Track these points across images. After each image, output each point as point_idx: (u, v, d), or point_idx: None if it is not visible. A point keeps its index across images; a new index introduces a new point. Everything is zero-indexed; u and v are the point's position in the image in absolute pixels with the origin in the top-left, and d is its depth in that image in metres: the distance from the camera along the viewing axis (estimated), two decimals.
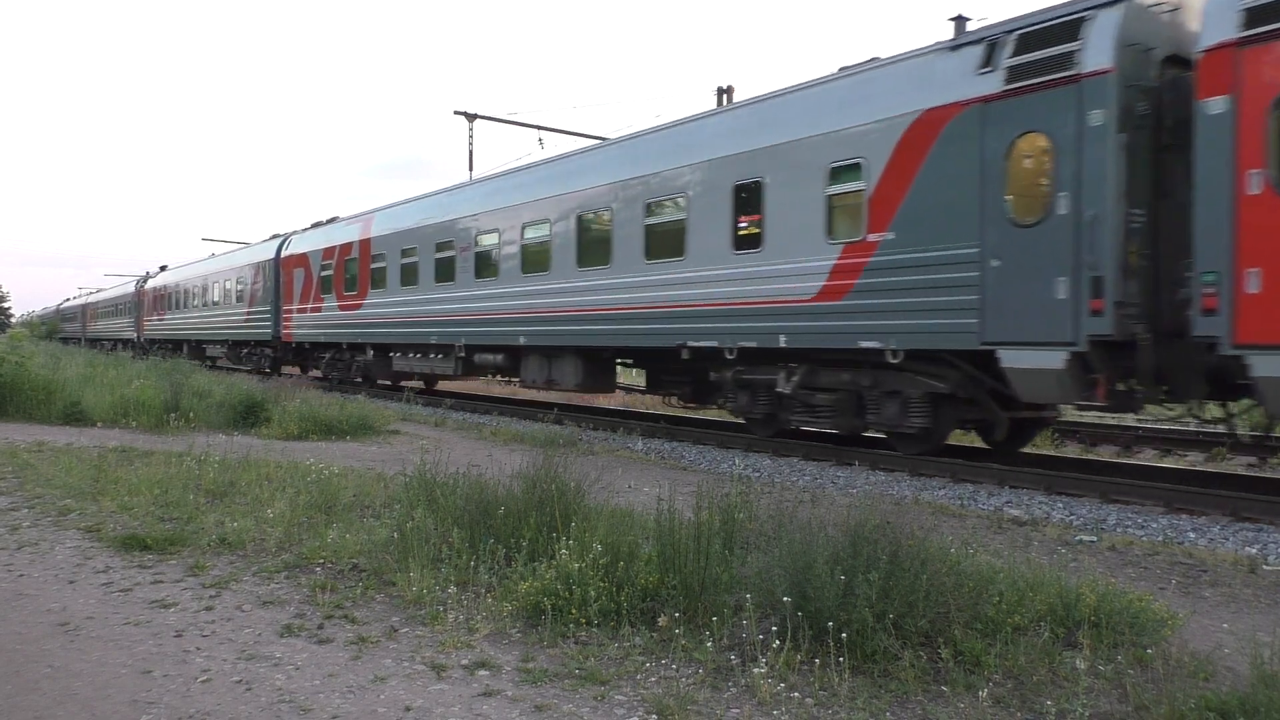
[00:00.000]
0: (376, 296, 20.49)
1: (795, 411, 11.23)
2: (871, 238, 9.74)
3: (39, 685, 3.79)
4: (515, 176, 16.93)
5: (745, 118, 11.82)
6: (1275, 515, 7.43)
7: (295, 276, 24.96)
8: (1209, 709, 3.34)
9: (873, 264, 9.72)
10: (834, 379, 10.67)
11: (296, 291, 24.83)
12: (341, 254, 22.34)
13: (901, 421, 10.02)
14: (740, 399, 12.04)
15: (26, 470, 8.77)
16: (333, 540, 5.88)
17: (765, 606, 4.33)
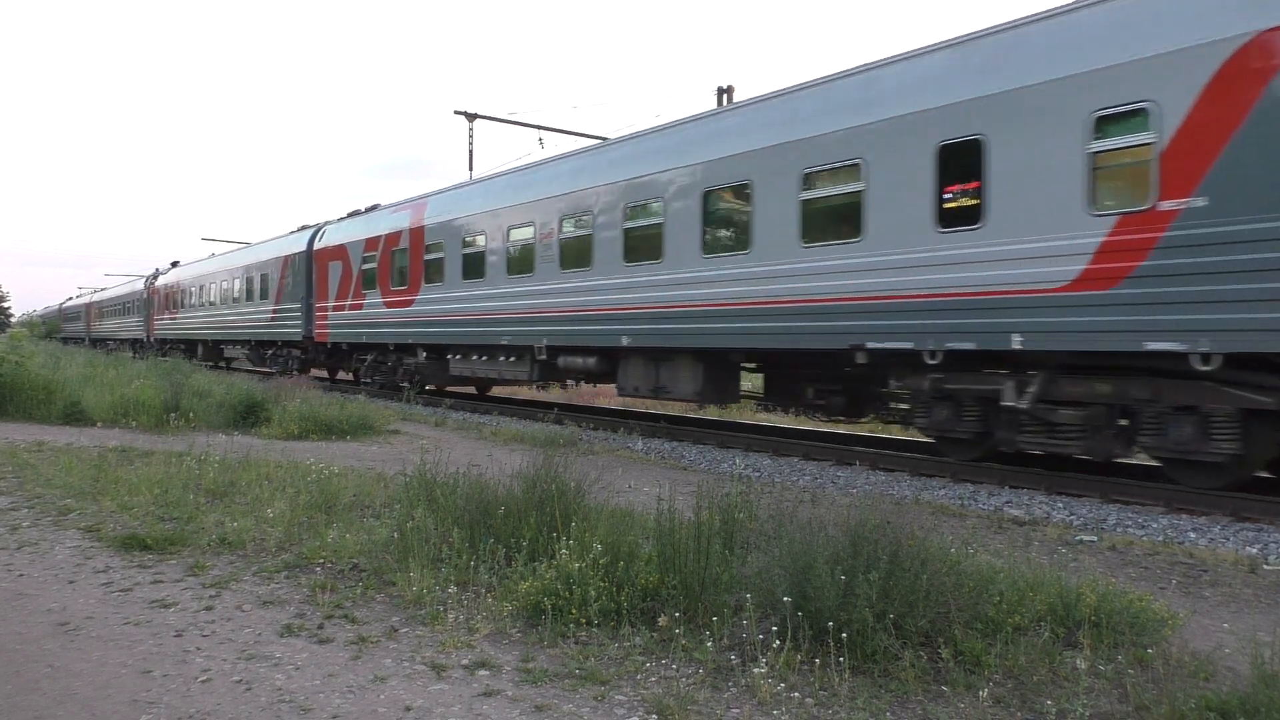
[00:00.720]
0: (432, 291, 18.00)
1: (1024, 431, 8.98)
2: (1166, 206, 7.46)
3: (39, 685, 3.79)
4: (610, 150, 14.40)
5: (952, 61, 9.38)
6: (1276, 515, 7.42)
7: (331, 271, 22.33)
8: (1209, 709, 3.34)
9: (1169, 240, 7.44)
10: (1085, 390, 8.44)
11: (332, 287, 22.14)
12: (388, 244, 19.65)
13: (1197, 447, 7.77)
14: (938, 414, 9.76)
15: (26, 470, 8.77)
16: (333, 540, 5.88)
17: (765, 606, 4.33)
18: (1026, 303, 8.40)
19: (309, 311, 23.75)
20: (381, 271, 19.93)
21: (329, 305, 22.41)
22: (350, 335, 21.51)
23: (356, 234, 21.52)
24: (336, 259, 22.22)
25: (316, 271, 23.38)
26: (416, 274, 18.58)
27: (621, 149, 14.02)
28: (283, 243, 26.76)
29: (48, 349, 31.48)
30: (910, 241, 9.35)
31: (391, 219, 20.07)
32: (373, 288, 20.32)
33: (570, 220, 14.28)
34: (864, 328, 9.80)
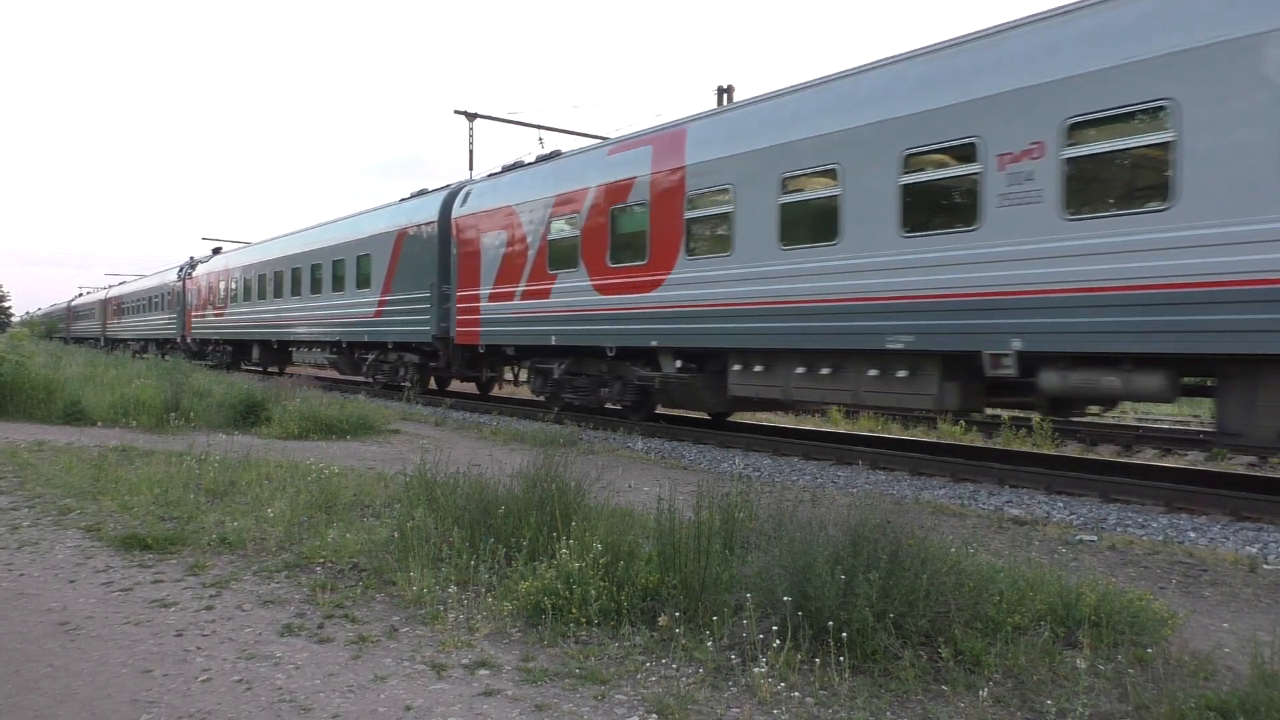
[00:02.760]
0: (705, 266, 11.66)
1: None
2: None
3: (39, 684, 3.79)
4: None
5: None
6: (1275, 515, 7.43)
7: (485, 245, 16.30)
8: (1209, 708, 3.34)
9: None
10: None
11: (489, 267, 16.12)
12: (606, 200, 13.39)
13: None
14: None
15: (27, 469, 8.77)
16: (333, 540, 5.88)
17: (765, 606, 4.33)
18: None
19: (441, 302, 17.70)
20: (591, 241, 13.72)
21: (483, 292, 16.39)
22: (523, 335, 15.31)
23: (535, 190, 15.23)
24: (495, 228, 16.17)
25: (458, 247, 17.27)
26: (668, 240, 12.22)
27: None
28: (394, 213, 20.15)
29: (48, 349, 31.36)
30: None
31: (608, 163, 13.74)
32: (570, 265, 14.19)
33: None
34: None
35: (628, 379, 13.82)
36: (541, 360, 15.86)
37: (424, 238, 18.45)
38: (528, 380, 16.73)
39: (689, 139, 12.29)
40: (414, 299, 18.60)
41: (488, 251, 16.36)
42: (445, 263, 17.74)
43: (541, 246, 14.90)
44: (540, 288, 14.95)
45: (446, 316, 17.61)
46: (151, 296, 41.88)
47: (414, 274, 18.63)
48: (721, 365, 12.09)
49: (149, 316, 42.20)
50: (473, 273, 16.77)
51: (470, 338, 16.83)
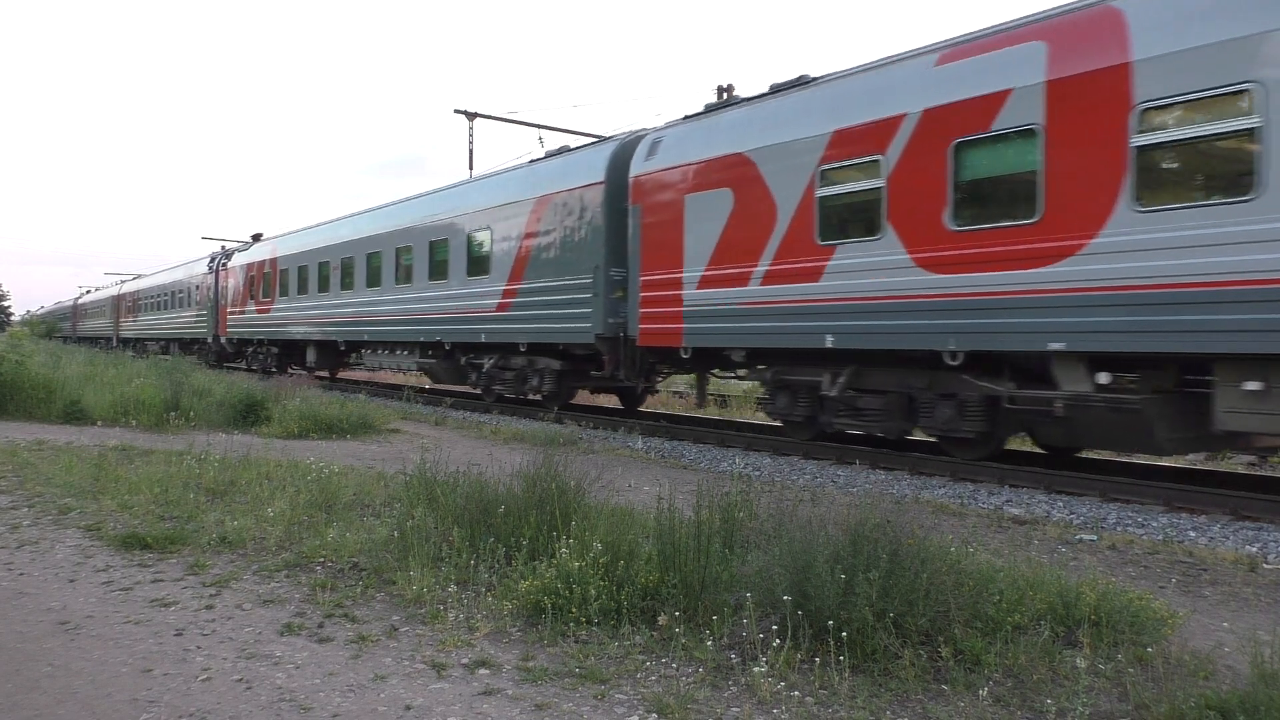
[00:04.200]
0: (1177, 222, 7.43)
1: None
2: None
3: (39, 684, 3.79)
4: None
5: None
6: (1275, 514, 7.43)
7: (691, 211, 11.88)
8: (1209, 707, 3.34)
9: None
10: None
11: (698, 242, 11.80)
12: (936, 132, 9.14)
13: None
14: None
15: (27, 469, 8.77)
16: (333, 539, 5.88)
17: (765, 605, 4.33)
18: None
19: (610, 291, 13.49)
20: (908, 194, 9.39)
21: (686, 276, 11.97)
22: (766, 333, 10.98)
23: (787, 129, 10.79)
24: (709, 186, 11.66)
25: (642, 216, 12.71)
26: (1089, 184, 8.03)
27: None
28: (527, 177, 15.60)
29: (47, 348, 31.28)
30: None
31: (942, 77, 9.31)
32: (863, 233, 9.92)
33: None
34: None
35: (966, 397, 9.33)
36: (791, 369, 11.16)
37: (581, 206, 13.89)
38: (764, 398, 11.89)
39: (1132, 21, 7.86)
40: (564, 287, 14.15)
41: (695, 220, 11.81)
42: (616, 238, 13.33)
43: (802, 208, 10.40)
44: (799, 266, 10.47)
45: (616, 309, 13.36)
46: (175, 291, 36.82)
47: (563, 254, 14.21)
48: (1189, 378, 7.99)
49: (172, 314, 37.14)
50: (667, 250, 12.18)
51: (663, 337, 12.35)
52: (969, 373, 9.26)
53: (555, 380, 15.35)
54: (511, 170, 16.87)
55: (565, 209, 14.35)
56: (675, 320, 12.18)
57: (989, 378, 9.19)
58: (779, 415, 11.71)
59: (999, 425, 9.49)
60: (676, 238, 12.17)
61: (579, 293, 13.92)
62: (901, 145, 9.51)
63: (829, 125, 10.28)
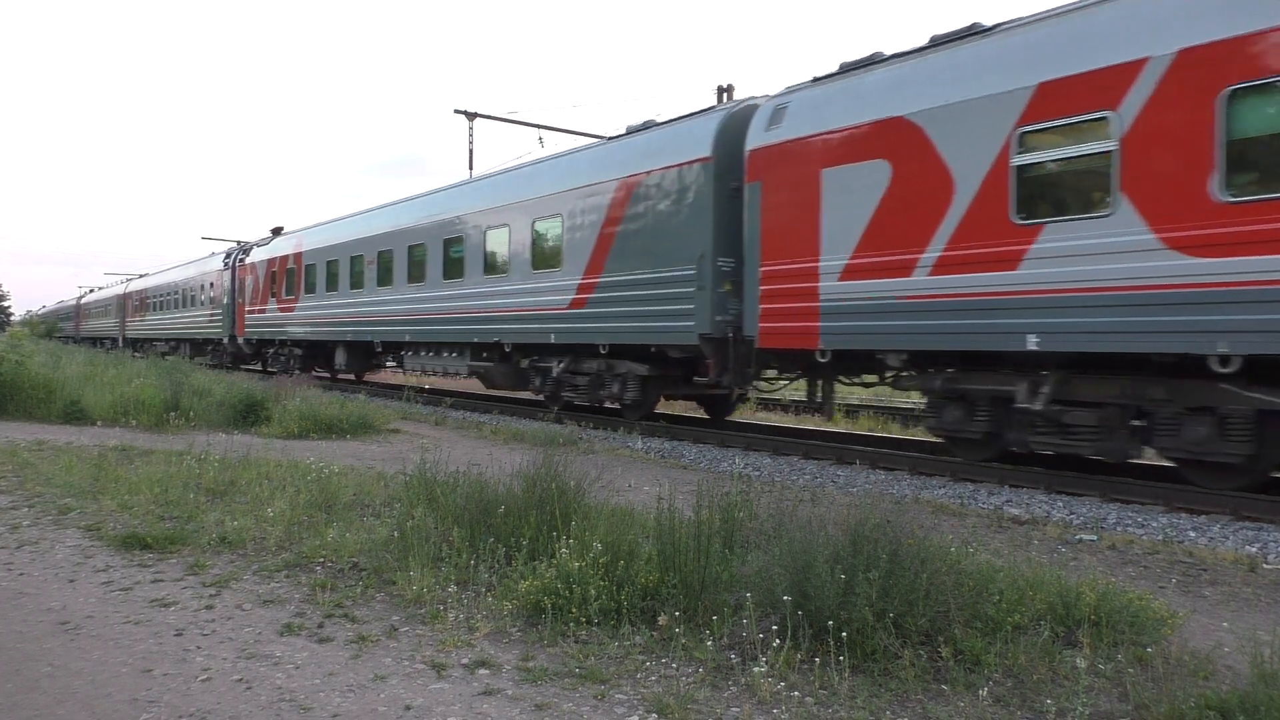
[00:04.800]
0: None
1: None
2: None
3: (39, 684, 3.79)
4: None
5: None
6: (1275, 514, 7.42)
7: (829, 188, 10.16)
8: (1209, 707, 3.34)
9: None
10: None
11: (839, 224, 10.07)
12: (1206, 74, 7.32)
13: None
14: None
15: (26, 469, 8.77)
16: (333, 539, 5.88)
17: (765, 605, 4.33)
18: None
19: (718, 284, 11.65)
20: (1153, 157, 7.72)
21: (824, 265, 10.24)
22: (941, 333, 9.22)
23: (965, 85, 9.07)
24: (854, 159, 9.96)
25: (763, 196, 10.99)
26: None
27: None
28: (608, 156, 14.01)
29: (47, 348, 31.25)
30: None
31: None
32: (1081, 208, 8.27)
33: None
34: None
35: (1230, 412, 7.60)
36: (968, 376, 9.39)
37: (680, 187, 12.09)
38: (927, 410, 10.08)
39: None
40: (658, 280, 12.38)
41: (836, 199, 10.06)
42: (725, 223, 11.57)
43: (990, 181, 8.65)
44: (986, 252, 8.68)
45: (724, 305, 11.59)
46: (187, 289, 34.76)
47: (657, 243, 12.41)
48: None
49: (184, 313, 35.22)
50: (798, 235, 10.43)
51: (792, 338, 10.59)
52: (1236, 382, 7.43)
53: (640, 387, 13.51)
54: (584, 151, 15.20)
55: (659, 191, 12.48)
56: (809, 317, 10.35)
57: (1263, 388, 7.35)
58: (948, 431, 9.81)
59: (1271, 447, 7.65)
60: (810, 220, 10.31)
61: (678, 286, 12.08)
62: (1143, 96, 7.69)
63: (1030, 78, 8.43)
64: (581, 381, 14.50)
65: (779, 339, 10.79)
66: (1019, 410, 8.83)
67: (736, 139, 11.55)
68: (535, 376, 15.61)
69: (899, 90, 9.69)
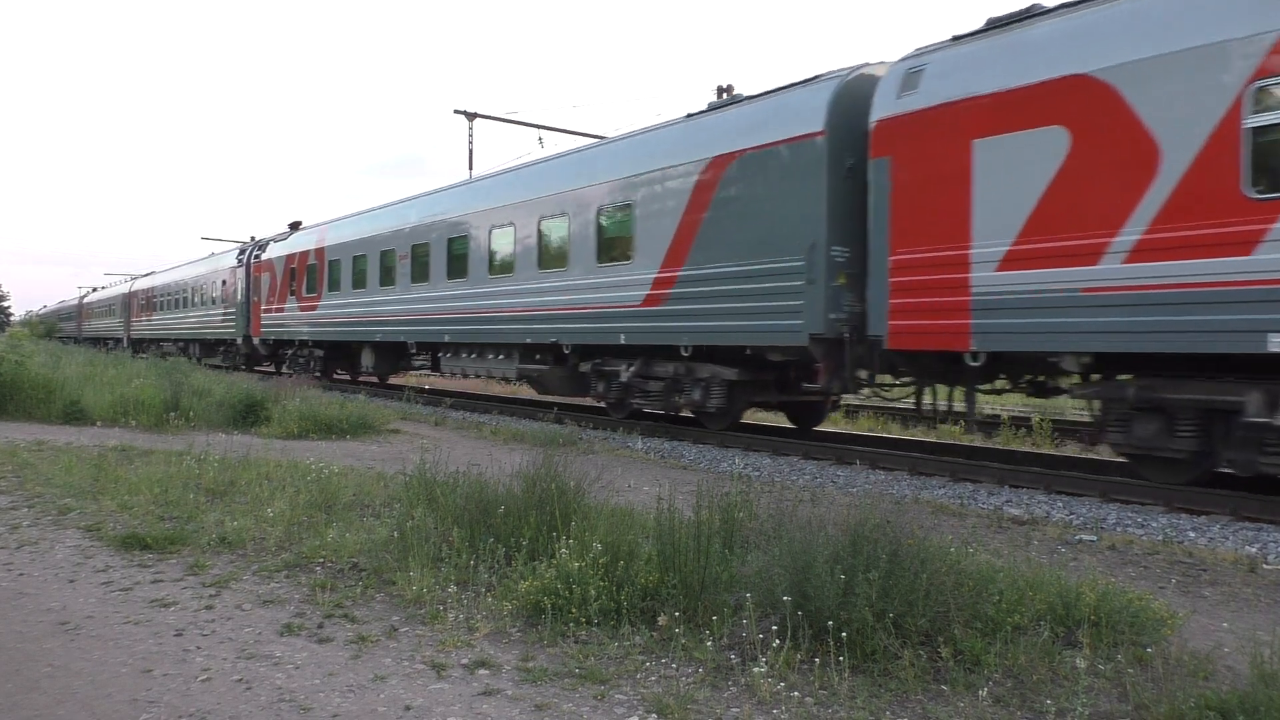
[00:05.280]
0: None
1: None
2: None
3: (39, 684, 3.79)
4: None
5: None
6: (1275, 514, 7.43)
7: (983, 162, 8.79)
8: (1209, 708, 3.34)
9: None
10: None
11: (996, 202, 8.72)
12: None
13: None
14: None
15: (26, 469, 8.77)
16: (333, 539, 5.88)
17: (765, 606, 4.33)
18: None
19: (831, 276, 10.32)
20: None
21: (975, 253, 8.89)
22: (1186, 330, 7.52)
23: (1224, 24, 7.39)
24: (1024, 125, 8.57)
25: (893, 174, 9.63)
26: None
27: None
28: (690, 134, 12.44)
29: (47, 348, 31.20)
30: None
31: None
32: None
33: None
34: None
35: None
36: (1172, 384, 7.98)
37: (783, 165, 10.69)
38: (1113, 425, 8.44)
39: None
40: (757, 273, 10.96)
41: (993, 174, 8.65)
42: (842, 207, 10.22)
43: (1213, 147, 7.33)
44: (1209, 233, 7.32)
45: (838, 300, 10.22)
46: (197, 287, 33.25)
47: (755, 230, 11.00)
48: None
49: (194, 312, 33.70)
50: (941, 217, 9.06)
51: (934, 337, 9.15)
52: None
53: (726, 393, 12.11)
54: (659, 130, 13.33)
55: (757, 171, 11.00)
56: (957, 313, 8.84)
57: None
58: (1138, 448, 8.28)
59: None
60: (957, 200, 8.89)
61: (783, 280, 10.61)
62: None
63: (1271, 19, 7.03)
64: (654, 387, 13.11)
65: (915, 339, 9.34)
66: (1244, 425, 7.43)
67: (854, 110, 10.22)
68: (598, 381, 14.18)
69: (1078, 44, 8.24)
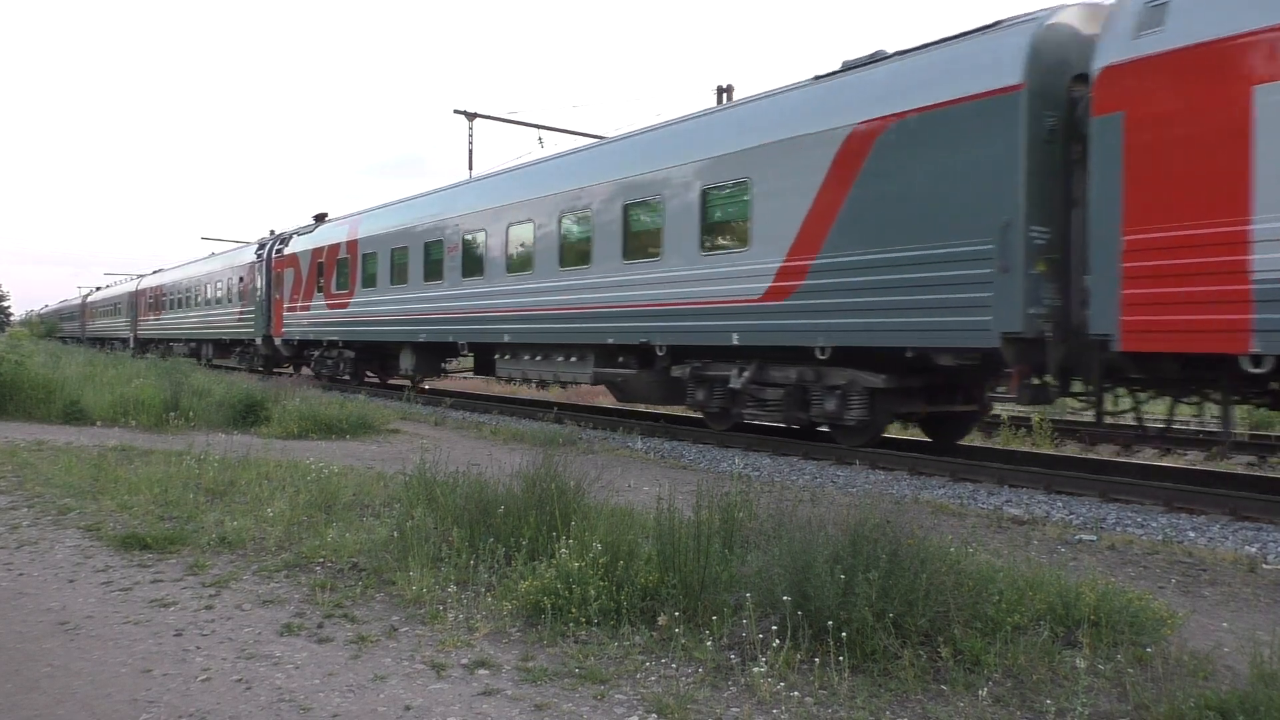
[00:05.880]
0: None
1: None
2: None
3: (39, 684, 3.79)
4: None
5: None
6: (1275, 514, 7.43)
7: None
8: (1208, 708, 3.34)
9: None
10: None
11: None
12: None
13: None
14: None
15: (26, 469, 8.77)
16: (332, 539, 5.88)
17: (765, 605, 4.33)
18: None
19: (1030, 263, 8.54)
20: None
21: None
22: None
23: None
24: None
25: (1126, 134, 7.76)
26: None
27: None
28: (819, 101, 10.62)
29: (47, 348, 31.16)
30: None
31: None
32: None
33: None
34: None
35: None
36: None
37: (962, 131, 8.94)
38: None
39: None
40: (928, 260, 9.16)
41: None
42: (1041, 178, 8.49)
43: None
44: None
45: (1038, 293, 8.51)
46: (212, 285, 31.51)
47: (922, 210, 9.22)
48: None
49: (207, 311, 31.89)
50: (1199, 187, 7.36)
51: (1199, 337, 7.45)
52: None
53: (868, 403, 10.18)
54: (780, 94, 11.39)
55: (925, 137, 9.22)
56: (1229, 306, 7.17)
57: None
58: None
59: None
60: (1231, 163, 7.16)
61: (964, 266, 8.85)
62: None
63: None
64: (772, 395, 11.22)
65: (1165, 339, 7.64)
66: None
67: (1055, 59, 8.57)
68: (697, 388, 12.36)
69: None
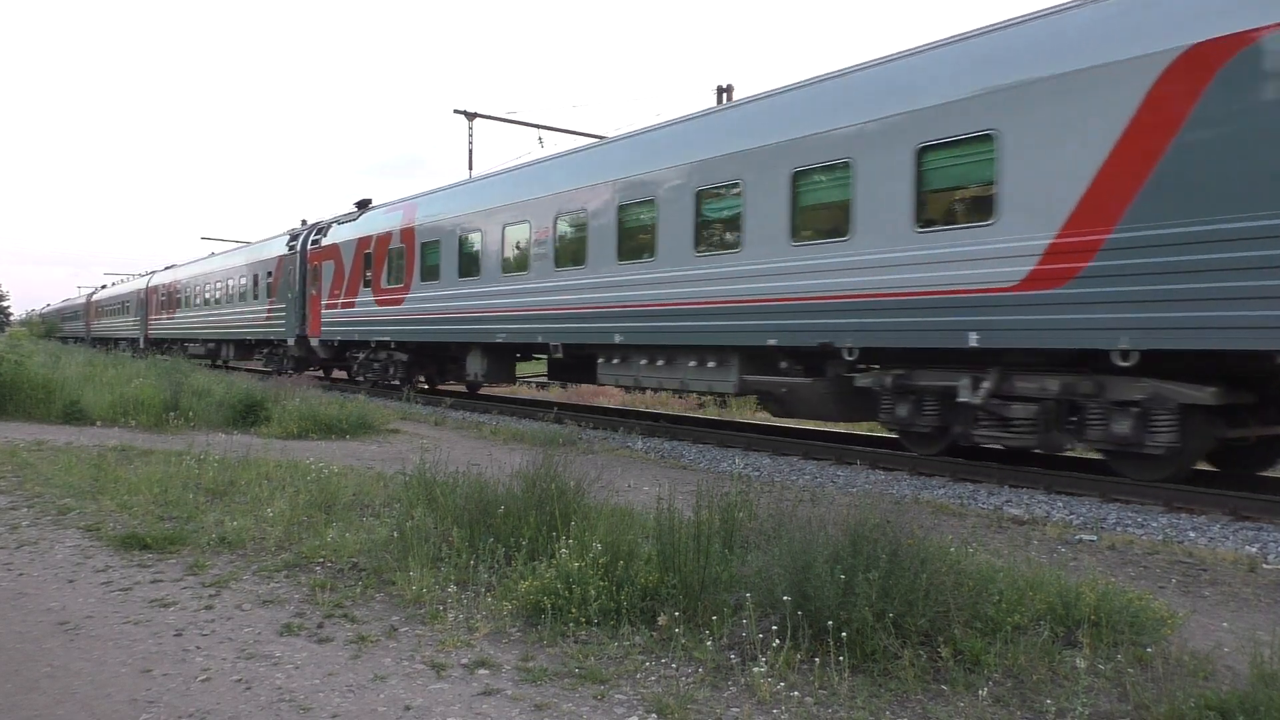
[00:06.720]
0: None
1: None
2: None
3: (38, 684, 3.79)
4: None
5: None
6: (1275, 514, 7.43)
7: None
8: (1208, 708, 3.34)
9: None
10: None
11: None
12: None
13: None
14: None
15: (26, 469, 8.77)
16: (332, 539, 5.88)
17: (765, 605, 4.33)
18: None
19: None
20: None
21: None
22: None
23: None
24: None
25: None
26: None
27: None
28: (1123, 13, 7.70)
29: (47, 348, 31.15)
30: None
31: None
32: None
33: None
34: None
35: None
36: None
37: None
38: None
39: None
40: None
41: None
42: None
43: None
44: None
45: None
46: (234, 280, 28.87)
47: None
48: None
49: (230, 309, 29.11)
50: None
51: None
52: None
53: (1179, 425, 7.75)
54: (1033, 20, 8.55)
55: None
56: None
57: None
58: None
59: None
60: None
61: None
62: None
63: None
64: (1021, 413, 8.66)
65: None
66: None
67: None
68: (899, 402, 9.83)
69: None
